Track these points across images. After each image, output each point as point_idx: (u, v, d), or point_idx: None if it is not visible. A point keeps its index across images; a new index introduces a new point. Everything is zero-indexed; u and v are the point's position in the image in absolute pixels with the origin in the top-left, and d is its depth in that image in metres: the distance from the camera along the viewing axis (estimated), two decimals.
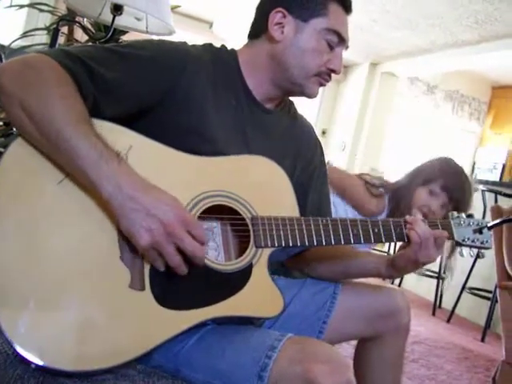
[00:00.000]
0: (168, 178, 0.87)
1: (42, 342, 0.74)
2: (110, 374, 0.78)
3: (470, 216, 1.10)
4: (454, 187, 1.73)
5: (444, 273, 3.51)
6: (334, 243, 0.97)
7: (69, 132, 0.76)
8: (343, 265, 1.12)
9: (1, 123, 2.15)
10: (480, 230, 1.08)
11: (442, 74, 5.85)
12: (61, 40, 2.23)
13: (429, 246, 0.98)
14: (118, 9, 1.78)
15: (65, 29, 2.51)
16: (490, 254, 1.22)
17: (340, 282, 1.14)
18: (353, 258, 1.12)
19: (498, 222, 1.16)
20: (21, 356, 0.72)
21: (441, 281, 3.78)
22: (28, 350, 0.72)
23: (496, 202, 3.18)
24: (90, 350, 0.76)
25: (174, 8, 2.10)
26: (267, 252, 0.92)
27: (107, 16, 1.84)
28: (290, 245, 0.93)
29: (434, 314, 3.74)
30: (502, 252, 2.19)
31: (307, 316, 1.11)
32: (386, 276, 1.08)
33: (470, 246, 1.09)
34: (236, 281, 0.89)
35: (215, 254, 0.95)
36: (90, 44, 1.97)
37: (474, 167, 5.97)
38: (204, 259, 0.83)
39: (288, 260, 1.19)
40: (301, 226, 0.95)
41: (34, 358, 0.72)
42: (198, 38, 4.67)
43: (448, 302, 3.83)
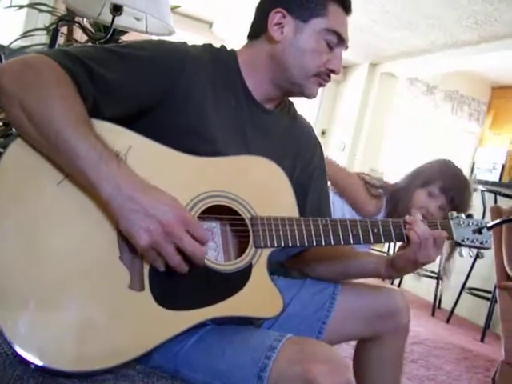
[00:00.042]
0: (167, 178, 0.87)
1: (42, 342, 0.74)
2: (110, 374, 0.78)
3: (469, 216, 1.10)
4: (453, 189, 1.73)
5: (441, 278, 3.52)
6: (333, 243, 0.97)
7: (68, 133, 0.76)
8: (342, 265, 1.13)
9: (0, 123, 2.15)
10: (479, 231, 1.08)
11: (442, 74, 5.85)
12: (60, 40, 2.23)
13: (428, 246, 0.98)
14: (117, 9, 1.78)
15: (64, 29, 2.51)
16: (489, 254, 1.22)
17: (339, 283, 1.14)
18: (352, 258, 1.12)
19: (498, 222, 1.16)
20: (20, 356, 0.72)
21: (440, 281, 3.78)
22: (27, 350, 0.72)
23: (495, 202, 3.18)
24: (89, 351, 0.76)
25: (173, 8, 2.10)
26: (267, 252, 0.92)
27: (107, 16, 1.84)
28: (290, 245, 0.93)
29: (433, 315, 3.74)
30: (502, 252, 2.20)
31: (307, 316, 1.11)
32: (385, 276, 1.08)
33: (470, 247, 1.09)
34: (235, 281, 0.89)
35: (215, 254, 0.95)
36: (90, 44, 1.97)
37: (473, 167, 5.97)
38: (204, 259, 0.83)
39: (287, 260, 1.19)
40: (300, 227, 0.95)
41: (33, 358, 0.72)
42: (197, 39, 4.66)
43: (447, 303, 3.84)
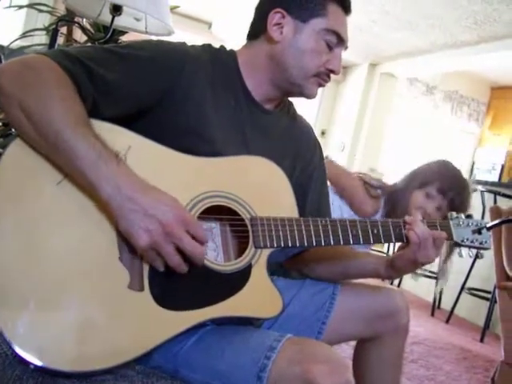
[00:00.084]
0: (167, 178, 0.87)
1: (41, 342, 0.74)
2: (109, 374, 0.78)
3: (469, 216, 1.10)
4: (451, 190, 1.73)
5: (438, 279, 3.52)
6: (333, 244, 0.97)
7: (67, 133, 0.76)
8: (342, 265, 1.12)
9: (0, 124, 2.15)
10: (479, 231, 1.08)
11: (441, 74, 5.86)
12: (60, 40, 2.23)
13: (428, 247, 0.98)
14: (117, 9, 1.78)
15: (64, 29, 2.51)
16: (489, 254, 1.22)
17: (339, 283, 1.14)
18: (352, 258, 1.12)
19: (497, 222, 1.16)
20: (20, 357, 0.72)
21: (438, 282, 3.78)
22: (27, 350, 0.72)
23: (495, 202, 3.18)
24: (89, 351, 0.76)
25: (173, 8, 2.10)
26: (266, 252, 0.92)
27: (106, 16, 1.84)
28: (289, 245, 0.93)
29: (433, 315, 3.74)
30: (501, 252, 2.20)
31: (306, 317, 1.11)
32: (385, 276, 1.08)
33: (469, 247, 1.09)
34: (235, 281, 0.89)
35: (214, 254, 0.95)
36: (89, 45, 1.98)
37: (472, 168, 5.98)
38: (204, 259, 0.83)
39: (287, 261, 1.19)
40: (300, 227, 0.95)
41: (33, 358, 0.72)
42: (197, 39, 4.67)
43: (447, 303, 3.84)
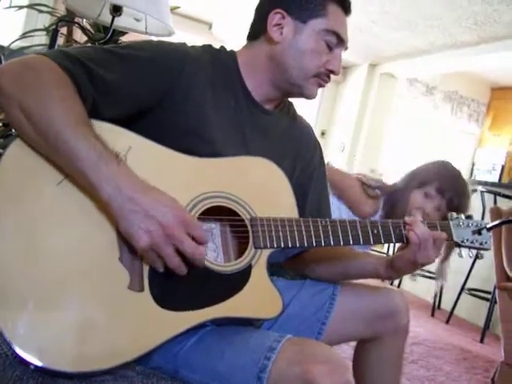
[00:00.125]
0: (167, 179, 0.87)
1: (41, 342, 0.74)
2: (109, 375, 0.78)
3: (469, 217, 1.10)
4: (450, 190, 1.73)
5: (436, 279, 3.52)
6: (333, 244, 0.97)
7: (68, 134, 0.76)
8: (342, 266, 1.12)
9: (0, 124, 2.15)
10: (479, 231, 1.08)
11: (441, 75, 5.86)
12: (60, 41, 2.23)
13: (428, 247, 0.98)
14: (117, 10, 1.78)
15: (64, 30, 2.51)
16: (489, 255, 1.22)
17: (339, 283, 1.14)
18: (352, 259, 1.12)
19: (497, 223, 1.16)
20: (20, 357, 0.72)
21: (437, 282, 3.78)
22: (27, 350, 0.72)
23: (495, 203, 3.18)
24: (89, 351, 0.76)
25: (173, 9, 2.10)
26: (266, 253, 0.92)
27: (106, 17, 1.84)
28: (289, 246, 0.93)
29: (433, 315, 3.74)
30: (501, 253, 2.20)
31: (306, 317, 1.11)
32: (384, 277, 1.08)
33: (469, 247, 1.09)
34: (235, 282, 0.89)
35: (214, 255, 0.95)
36: (89, 45, 1.97)
37: (473, 168, 5.98)
38: (204, 261, 0.83)
39: (287, 261, 1.19)
40: (300, 227, 0.95)
41: (33, 359, 0.72)
42: (197, 39, 4.67)
43: (447, 303, 3.83)
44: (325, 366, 0.78)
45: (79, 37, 2.51)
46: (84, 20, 2.22)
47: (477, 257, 1.10)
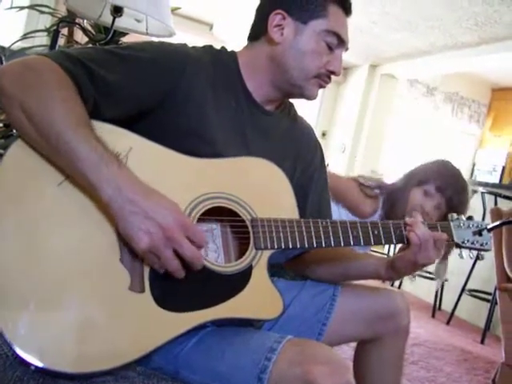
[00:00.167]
0: (168, 179, 0.87)
1: (42, 343, 0.74)
2: (110, 376, 0.78)
3: (469, 218, 1.10)
4: (450, 189, 1.72)
5: (434, 278, 3.52)
6: (333, 245, 0.97)
7: (69, 135, 0.76)
8: (343, 267, 1.12)
9: (1, 125, 2.15)
10: (480, 232, 1.08)
11: (442, 75, 5.86)
12: (61, 42, 2.24)
13: (428, 248, 0.98)
14: (118, 10, 1.78)
15: (65, 30, 2.52)
16: (489, 255, 1.22)
17: (339, 284, 1.14)
18: (352, 259, 1.12)
19: (498, 223, 1.16)
20: (20, 358, 0.72)
21: (436, 282, 3.78)
22: (28, 351, 0.72)
23: (496, 204, 3.18)
24: (89, 352, 0.76)
25: (174, 10, 2.10)
26: (267, 254, 0.92)
27: (107, 18, 1.85)
28: (290, 247, 0.93)
29: (433, 316, 3.74)
30: (502, 254, 2.19)
31: (307, 318, 1.11)
32: (385, 278, 1.08)
33: (470, 248, 1.09)
34: (236, 283, 0.89)
35: (215, 255, 0.95)
36: (90, 46, 1.98)
37: (473, 169, 5.99)
38: (202, 265, 0.82)
39: (287, 262, 1.19)
40: (300, 228, 0.95)
41: (33, 359, 0.72)
42: (198, 40, 4.67)
43: (448, 304, 3.83)
44: (325, 366, 0.78)
45: (80, 38, 2.51)
46: (85, 21, 2.22)
47: (477, 258, 1.10)
